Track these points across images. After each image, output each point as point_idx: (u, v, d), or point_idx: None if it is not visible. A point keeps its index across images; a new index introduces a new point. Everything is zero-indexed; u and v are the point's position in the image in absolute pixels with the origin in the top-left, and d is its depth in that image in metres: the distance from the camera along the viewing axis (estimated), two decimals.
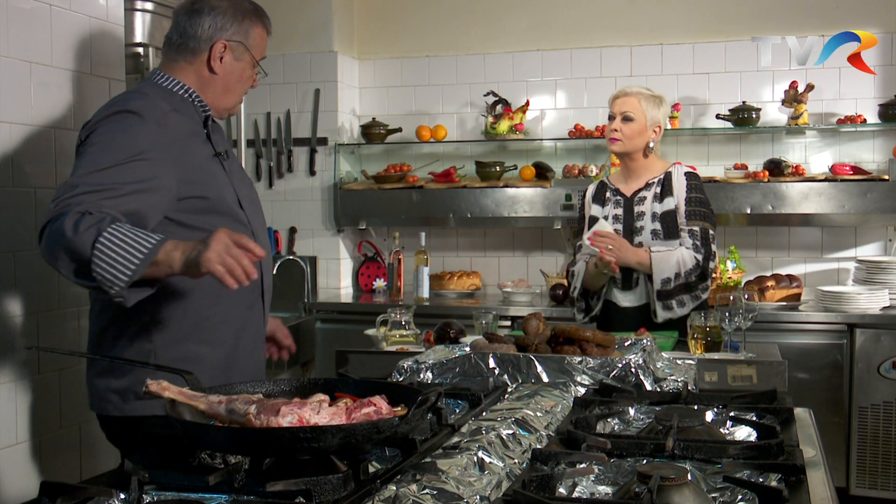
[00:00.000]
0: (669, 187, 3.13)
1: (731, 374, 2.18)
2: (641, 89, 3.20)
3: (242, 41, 2.16)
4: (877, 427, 4.03)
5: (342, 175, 5.14)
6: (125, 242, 1.76)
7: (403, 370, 2.10)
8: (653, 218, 3.11)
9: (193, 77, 2.15)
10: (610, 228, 3.09)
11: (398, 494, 1.22)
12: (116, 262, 1.75)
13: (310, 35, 5.06)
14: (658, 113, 3.17)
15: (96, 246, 1.74)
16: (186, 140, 2.06)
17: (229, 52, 2.15)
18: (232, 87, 2.18)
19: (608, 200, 3.23)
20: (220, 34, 2.13)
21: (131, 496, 1.23)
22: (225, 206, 2.10)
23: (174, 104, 2.09)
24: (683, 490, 1.23)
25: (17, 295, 2.52)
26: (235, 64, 2.16)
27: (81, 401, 2.76)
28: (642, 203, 3.15)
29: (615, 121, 3.16)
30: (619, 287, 3.14)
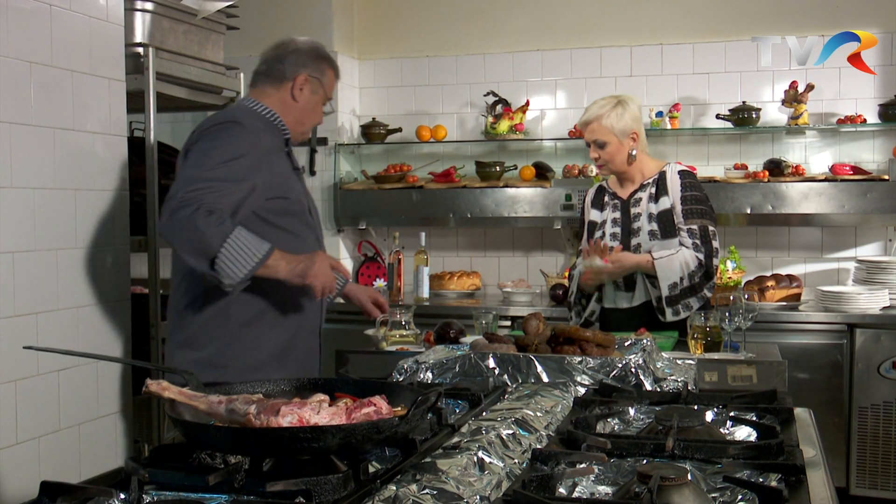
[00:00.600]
0: (664, 187, 3.12)
1: (731, 374, 2.18)
2: (601, 108, 3.12)
3: (319, 78, 2.57)
4: (877, 427, 4.03)
5: (342, 175, 5.13)
6: (246, 247, 2.20)
7: (403, 370, 2.10)
8: (649, 219, 3.10)
9: (277, 102, 2.54)
10: (599, 262, 3.05)
11: (398, 494, 1.22)
12: (237, 261, 2.18)
13: (310, 35, 4.97)
14: (625, 122, 3.10)
15: (224, 245, 2.17)
16: (273, 151, 2.45)
17: (308, 85, 2.55)
18: (305, 117, 2.58)
19: (606, 205, 3.23)
20: (303, 70, 2.54)
21: (131, 496, 1.23)
22: (300, 210, 2.50)
23: (263, 123, 2.48)
24: (683, 490, 1.23)
25: (17, 295, 2.52)
26: (312, 97, 2.57)
27: (81, 401, 2.76)
28: (638, 204, 3.15)
29: (592, 149, 3.17)
30: (623, 289, 3.13)
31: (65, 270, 2.69)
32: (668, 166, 3.19)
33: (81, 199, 2.75)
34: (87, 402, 2.77)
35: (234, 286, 2.24)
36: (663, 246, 3.05)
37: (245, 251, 2.20)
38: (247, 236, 2.22)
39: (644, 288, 3.09)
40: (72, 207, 2.72)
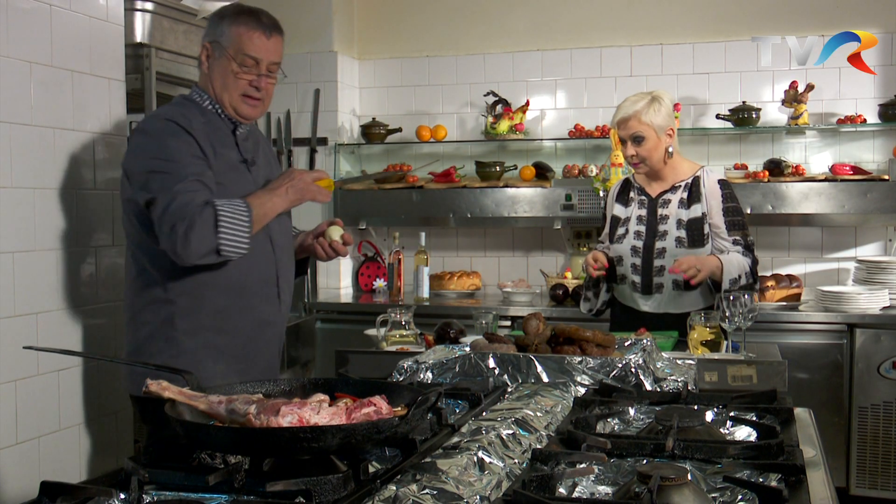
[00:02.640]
0: (697, 193, 3.07)
1: (731, 374, 2.18)
2: (637, 104, 3.05)
3: (217, 39, 2.33)
4: (877, 427, 4.03)
5: (342, 175, 5.13)
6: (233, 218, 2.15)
7: (403, 370, 2.10)
8: (678, 225, 3.05)
9: (203, 83, 2.38)
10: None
11: (398, 494, 1.22)
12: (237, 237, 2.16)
13: (310, 35, 5.06)
14: (662, 116, 3.05)
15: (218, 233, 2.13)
16: (213, 144, 2.29)
17: (211, 52, 2.34)
18: (222, 89, 2.33)
19: (632, 201, 3.17)
20: (205, 38, 2.37)
21: (131, 496, 1.23)
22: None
23: (205, 116, 2.34)
24: (683, 490, 1.23)
25: (17, 295, 2.52)
26: (216, 62, 2.33)
27: (81, 401, 2.76)
28: (667, 206, 3.09)
29: (628, 146, 3.08)
30: (640, 292, 3.10)
31: (65, 270, 2.69)
32: (702, 171, 3.13)
33: (81, 199, 2.75)
34: (87, 402, 2.77)
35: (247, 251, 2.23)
36: (688, 254, 3.00)
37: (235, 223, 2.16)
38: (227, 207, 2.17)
39: (668, 297, 3.04)
40: (72, 207, 2.72)
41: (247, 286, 2.32)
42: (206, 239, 2.13)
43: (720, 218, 3.05)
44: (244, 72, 2.31)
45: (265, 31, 2.33)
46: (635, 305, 3.13)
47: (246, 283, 2.31)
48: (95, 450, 2.79)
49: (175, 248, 2.15)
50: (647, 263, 3.07)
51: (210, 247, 2.14)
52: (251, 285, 2.33)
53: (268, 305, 2.39)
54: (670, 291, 3.06)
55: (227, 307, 2.31)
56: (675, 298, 3.06)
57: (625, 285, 3.15)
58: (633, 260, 3.10)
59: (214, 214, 2.14)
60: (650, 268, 3.07)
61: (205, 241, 2.13)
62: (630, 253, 3.10)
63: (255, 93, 2.34)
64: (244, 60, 2.31)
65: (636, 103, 3.06)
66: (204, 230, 2.12)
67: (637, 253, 3.09)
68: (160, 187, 2.18)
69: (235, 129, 2.39)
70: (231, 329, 2.32)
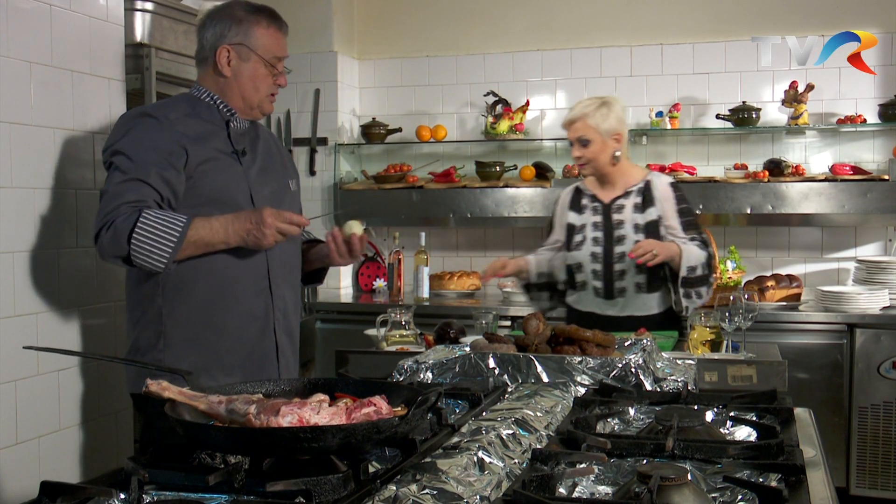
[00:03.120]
0: (651, 198, 3.13)
1: (731, 374, 2.18)
2: (586, 108, 3.12)
3: (244, 43, 2.32)
4: (877, 427, 4.03)
5: (342, 175, 5.14)
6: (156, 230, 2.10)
7: (403, 370, 2.10)
8: (635, 229, 3.10)
9: (213, 84, 2.36)
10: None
11: (398, 494, 1.22)
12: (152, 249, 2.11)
13: (310, 35, 5.06)
14: (610, 122, 3.11)
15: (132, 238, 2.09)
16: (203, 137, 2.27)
17: (235, 56, 2.32)
18: (247, 91, 2.35)
19: (585, 208, 3.23)
20: (222, 41, 2.32)
21: (131, 496, 1.23)
22: (229, 199, 2.28)
23: (192, 108, 2.32)
24: (683, 490, 1.23)
25: (18, 295, 2.52)
26: (244, 65, 2.33)
27: (81, 401, 2.76)
28: (621, 211, 3.15)
29: (575, 147, 3.16)
30: (603, 297, 3.14)
31: (65, 270, 2.69)
32: (652, 175, 3.21)
33: (81, 199, 2.75)
34: (87, 402, 2.77)
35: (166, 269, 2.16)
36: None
37: (156, 235, 2.11)
38: (155, 218, 2.12)
39: (631, 300, 3.10)
40: (72, 207, 2.72)
41: (234, 279, 2.28)
42: (117, 242, 2.11)
43: (675, 220, 3.11)
44: (273, 72, 2.36)
45: (284, 31, 2.40)
46: (598, 310, 3.14)
47: (233, 275, 2.28)
48: (95, 450, 2.79)
49: (96, 245, 2.17)
50: (608, 268, 3.12)
51: (119, 251, 2.12)
52: (239, 278, 2.29)
53: (257, 299, 2.34)
54: (633, 294, 3.11)
55: (213, 301, 2.28)
56: (637, 301, 3.11)
57: (586, 291, 3.18)
58: (594, 266, 3.15)
59: (135, 220, 2.11)
60: (611, 273, 3.12)
61: (115, 244, 2.12)
62: (590, 259, 3.15)
63: (277, 90, 2.42)
64: (274, 62, 2.35)
65: (586, 107, 3.13)
66: (118, 233, 2.11)
67: (597, 259, 3.14)
68: (108, 182, 2.21)
69: (229, 121, 2.36)
70: (216, 322, 2.29)
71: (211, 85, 2.36)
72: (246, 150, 2.37)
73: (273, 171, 2.46)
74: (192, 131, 2.26)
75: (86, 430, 2.76)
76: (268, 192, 2.39)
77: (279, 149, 2.59)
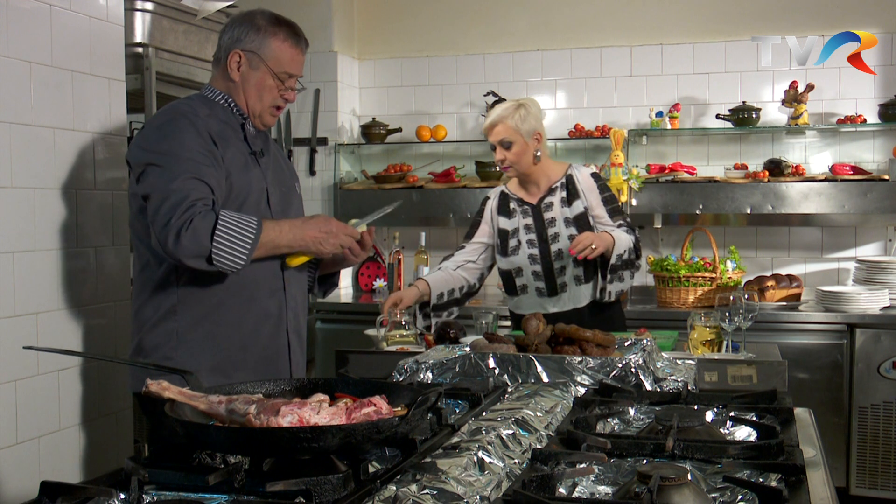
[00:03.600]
0: (575, 190, 3.19)
1: (731, 374, 2.18)
2: (505, 111, 3.16)
3: (256, 52, 2.31)
4: (877, 427, 4.03)
5: (342, 175, 5.14)
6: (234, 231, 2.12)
7: (403, 370, 2.10)
8: (566, 223, 3.16)
9: (223, 86, 2.37)
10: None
11: (398, 494, 1.22)
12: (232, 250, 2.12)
13: (310, 35, 4.94)
14: (529, 123, 3.16)
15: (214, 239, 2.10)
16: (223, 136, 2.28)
17: (245, 62, 2.32)
18: (253, 98, 2.34)
19: (514, 212, 3.25)
20: (236, 45, 2.32)
21: (131, 496, 1.23)
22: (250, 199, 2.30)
23: (210, 108, 2.32)
24: (683, 490, 1.23)
25: (17, 295, 2.52)
26: (252, 73, 2.33)
27: (81, 401, 2.76)
28: (550, 209, 3.19)
29: (498, 150, 3.20)
30: (547, 296, 3.18)
31: (65, 270, 2.69)
32: (572, 168, 3.25)
33: (81, 199, 2.75)
34: (87, 402, 2.77)
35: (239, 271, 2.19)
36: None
37: (235, 235, 2.12)
38: (233, 218, 2.14)
39: (574, 293, 3.14)
40: (72, 207, 2.72)
41: (250, 279, 2.29)
42: (199, 241, 2.09)
43: (601, 209, 3.18)
44: (280, 86, 2.35)
45: (302, 48, 2.39)
46: (541, 309, 3.14)
47: (249, 275, 2.28)
48: (95, 450, 2.79)
49: (166, 245, 2.11)
50: (548, 267, 3.18)
51: (201, 251, 2.10)
52: (255, 278, 2.30)
53: (271, 298, 2.36)
54: (574, 287, 3.17)
55: (228, 299, 2.29)
56: (578, 293, 3.17)
57: (526, 295, 3.22)
58: (534, 267, 3.19)
59: (215, 220, 2.11)
60: (552, 270, 3.18)
61: (197, 244, 2.09)
62: (529, 262, 3.20)
63: (283, 104, 2.40)
64: (283, 77, 2.34)
65: (504, 111, 3.19)
66: (199, 232, 2.09)
67: (535, 260, 3.19)
68: (155, 182, 2.16)
69: (244, 123, 2.37)
70: (232, 321, 2.30)
71: (221, 87, 2.37)
72: (263, 151, 2.40)
73: (281, 174, 2.48)
74: (218, 131, 2.28)
75: (86, 430, 2.76)
76: (279, 194, 2.41)
77: (281, 153, 2.61)
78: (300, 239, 2.25)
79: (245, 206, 2.28)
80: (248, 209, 2.27)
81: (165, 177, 2.15)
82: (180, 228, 2.09)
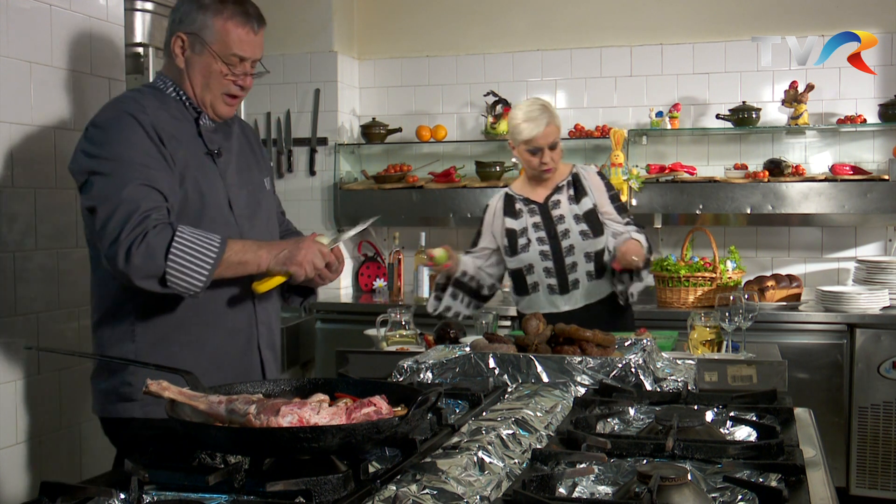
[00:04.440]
0: (582, 188, 3.20)
1: (731, 374, 2.18)
2: (544, 112, 3.11)
3: (198, 33, 2.06)
4: (877, 427, 4.03)
5: (342, 175, 5.14)
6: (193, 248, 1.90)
7: (403, 370, 2.10)
8: (576, 220, 3.16)
9: (174, 74, 2.14)
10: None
11: (398, 494, 1.22)
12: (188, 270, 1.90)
13: (310, 35, 5.06)
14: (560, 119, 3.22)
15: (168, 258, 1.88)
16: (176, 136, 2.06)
17: (188, 46, 2.08)
18: (198, 81, 2.10)
19: (521, 212, 3.24)
20: (179, 27, 2.09)
21: (131, 496, 1.23)
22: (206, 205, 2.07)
23: (161, 102, 2.09)
24: (683, 490, 1.23)
25: (17, 295, 2.52)
26: (196, 58, 2.08)
27: (81, 401, 2.76)
28: (558, 207, 3.20)
29: (545, 153, 3.12)
30: (558, 293, 3.17)
31: (65, 270, 2.69)
32: (577, 168, 3.27)
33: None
34: (88, 402, 2.77)
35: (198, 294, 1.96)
36: (594, 244, 3.13)
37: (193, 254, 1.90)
38: (191, 235, 1.92)
39: (584, 290, 3.14)
40: (72, 207, 2.72)
41: (213, 292, 2.03)
42: (152, 260, 1.88)
43: (609, 206, 3.20)
44: (230, 70, 2.08)
45: (253, 26, 2.09)
46: (553, 308, 3.15)
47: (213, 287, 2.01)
48: (95, 450, 2.79)
49: (115, 263, 1.89)
50: (560, 264, 3.16)
51: (154, 270, 1.88)
52: (219, 291, 2.06)
53: (240, 313, 2.14)
54: (586, 284, 3.16)
55: (191, 317, 2.06)
56: (590, 290, 3.16)
57: (538, 293, 3.20)
58: (545, 264, 3.18)
59: (171, 235, 1.89)
60: (563, 266, 3.16)
61: (150, 263, 1.88)
62: (540, 259, 3.18)
63: (239, 92, 2.13)
64: (231, 60, 2.07)
65: (544, 112, 3.12)
66: (153, 249, 1.88)
67: (547, 257, 3.18)
68: (101, 192, 1.94)
69: (199, 118, 2.13)
70: (195, 341, 2.07)
71: (172, 75, 2.13)
72: (220, 149, 2.15)
73: (248, 172, 2.24)
74: (168, 129, 2.05)
75: (86, 431, 2.76)
76: (245, 195, 2.19)
77: (253, 144, 2.34)
78: (264, 255, 2.01)
79: (203, 216, 2.06)
80: (207, 218, 2.06)
81: (112, 185, 1.93)
82: (131, 244, 1.88)
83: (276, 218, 2.36)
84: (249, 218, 2.18)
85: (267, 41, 2.52)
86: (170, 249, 1.88)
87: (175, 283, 1.90)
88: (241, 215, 2.15)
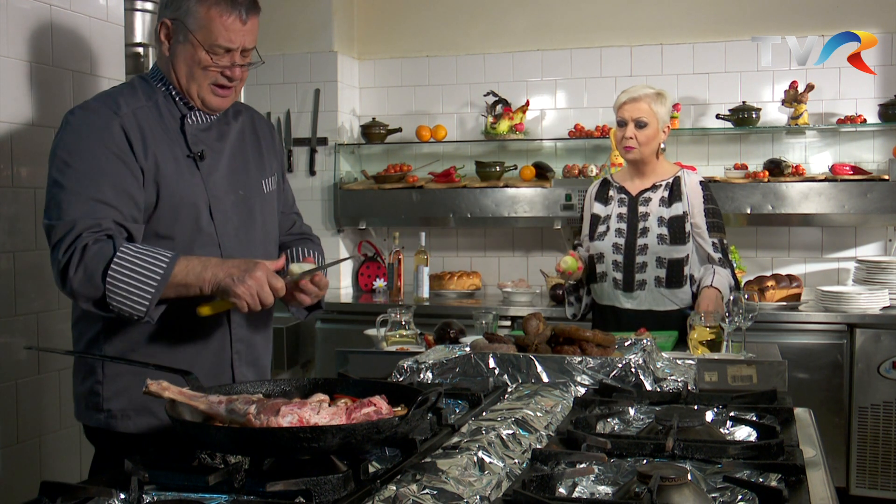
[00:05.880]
0: (679, 192, 3.11)
1: (731, 374, 2.18)
2: (648, 90, 3.13)
3: (181, 19, 1.93)
4: (877, 427, 4.03)
5: (342, 175, 5.14)
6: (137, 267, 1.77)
7: (403, 370, 2.10)
8: (659, 222, 3.08)
9: (163, 66, 2.02)
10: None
11: (398, 494, 1.22)
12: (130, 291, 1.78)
13: (310, 35, 5.06)
14: (666, 112, 3.14)
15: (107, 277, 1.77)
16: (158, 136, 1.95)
17: (173, 33, 1.96)
18: (182, 71, 1.96)
19: (611, 199, 3.20)
20: (164, 13, 1.98)
21: (131, 496, 1.23)
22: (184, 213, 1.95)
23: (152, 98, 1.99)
24: (683, 490, 1.23)
25: (17, 295, 2.52)
26: (180, 46, 1.94)
27: None
28: (647, 204, 3.13)
29: (628, 127, 3.08)
30: (622, 289, 3.12)
31: None
32: (682, 171, 3.18)
33: None
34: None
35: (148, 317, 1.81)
36: (670, 252, 3.05)
37: (136, 273, 1.77)
38: (136, 252, 1.79)
39: (651, 295, 3.08)
40: None
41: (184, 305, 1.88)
42: (90, 281, 1.76)
43: (702, 218, 3.09)
44: (215, 61, 1.94)
45: (241, 14, 1.93)
46: (616, 303, 3.14)
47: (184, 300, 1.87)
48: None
49: (58, 285, 1.80)
50: (630, 260, 3.10)
51: (93, 293, 1.77)
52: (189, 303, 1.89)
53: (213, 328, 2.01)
54: (652, 289, 3.09)
55: (158, 330, 1.94)
56: (657, 296, 3.09)
57: (605, 283, 3.16)
58: (615, 257, 3.12)
59: (111, 256, 1.76)
60: (632, 264, 3.10)
61: (87, 286, 1.77)
62: (612, 250, 3.13)
63: (227, 82, 1.98)
64: (215, 50, 1.93)
65: (646, 90, 3.12)
66: (90, 270, 1.76)
67: (619, 250, 3.12)
68: (50, 203, 1.85)
69: (185, 116, 2.00)
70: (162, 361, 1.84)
71: (161, 65, 2.01)
72: (205, 152, 2.00)
73: (242, 174, 2.08)
74: (146, 129, 1.92)
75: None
76: (231, 201, 2.03)
77: (262, 139, 2.18)
78: (213, 284, 1.81)
79: (177, 223, 1.94)
80: (181, 226, 1.94)
81: (60, 198, 1.83)
82: (67, 265, 1.77)
83: (276, 222, 2.21)
84: (236, 226, 2.04)
85: (267, 41, 2.50)
86: (107, 270, 1.76)
87: (118, 307, 1.78)
88: (224, 223, 2.01)
